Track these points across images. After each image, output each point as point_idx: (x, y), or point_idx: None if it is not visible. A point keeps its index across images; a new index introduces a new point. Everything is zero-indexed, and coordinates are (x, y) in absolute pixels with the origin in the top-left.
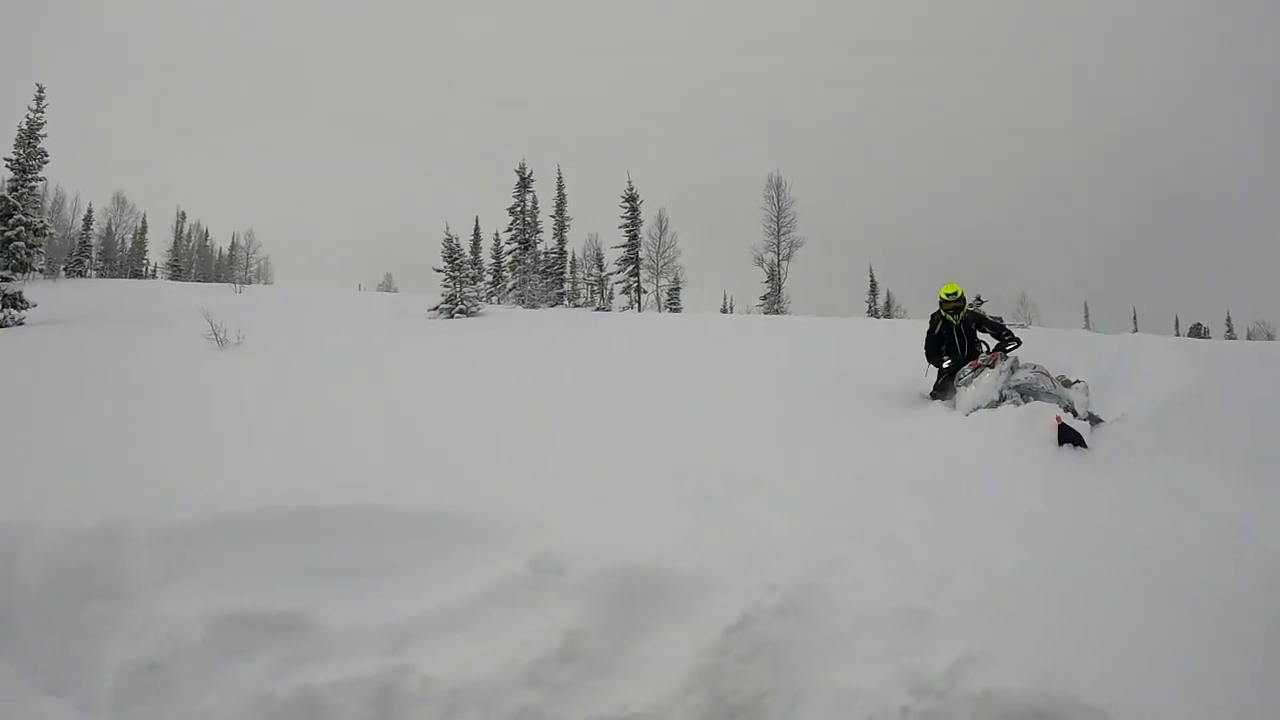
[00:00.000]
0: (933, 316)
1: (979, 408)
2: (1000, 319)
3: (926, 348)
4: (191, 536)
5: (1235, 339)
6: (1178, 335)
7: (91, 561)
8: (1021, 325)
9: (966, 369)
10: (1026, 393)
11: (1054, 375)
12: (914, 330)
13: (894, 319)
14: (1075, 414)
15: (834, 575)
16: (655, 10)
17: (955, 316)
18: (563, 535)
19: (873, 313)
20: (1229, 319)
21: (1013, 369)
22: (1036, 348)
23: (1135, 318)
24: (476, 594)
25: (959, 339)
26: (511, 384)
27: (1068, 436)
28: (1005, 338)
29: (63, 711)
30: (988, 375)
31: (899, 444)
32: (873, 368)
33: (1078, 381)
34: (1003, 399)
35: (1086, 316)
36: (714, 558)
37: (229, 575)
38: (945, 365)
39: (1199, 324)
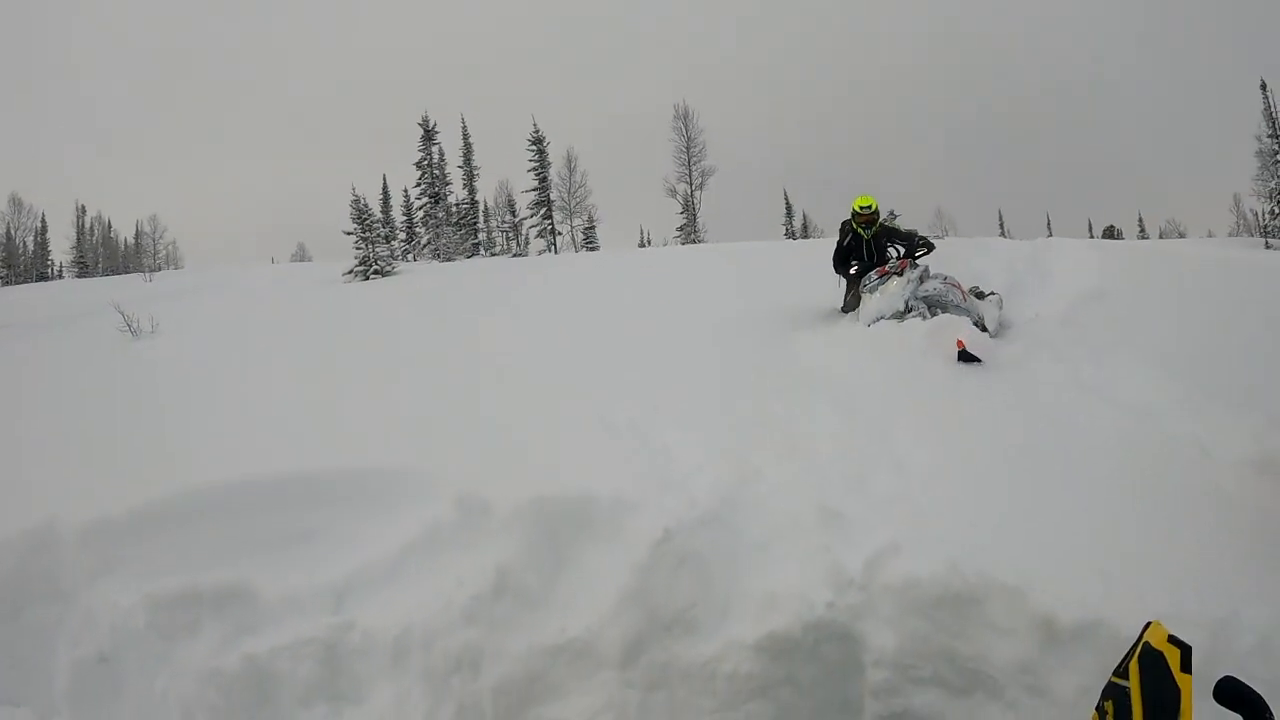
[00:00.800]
0: (842, 226)
1: (883, 317)
2: (915, 231)
3: (834, 258)
4: (119, 528)
5: (1148, 239)
6: (1091, 238)
7: (22, 567)
8: (939, 236)
9: (873, 275)
10: (934, 305)
11: (965, 287)
12: (828, 248)
13: (811, 239)
14: (985, 328)
15: (751, 486)
16: None
17: (867, 231)
18: (485, 478)
19: (790, 235)
20: (1140, 220)
21: (922, 279)
22: (955, 256)
23: (1049, 223)
24: (407, 543)
25: (868, 252)
26: (427, 343)
27: (967, 359)
28: (918, 242)
29: (21, 719)
30: (894, 283)
31: (810, 364)
32: (785, 289)
33: (991, 294)
34: (909, 310)
35: (1001, 225)
36: (634, 481)
37: (162, 560)
38: (853, 272)
39: (1112, 226)
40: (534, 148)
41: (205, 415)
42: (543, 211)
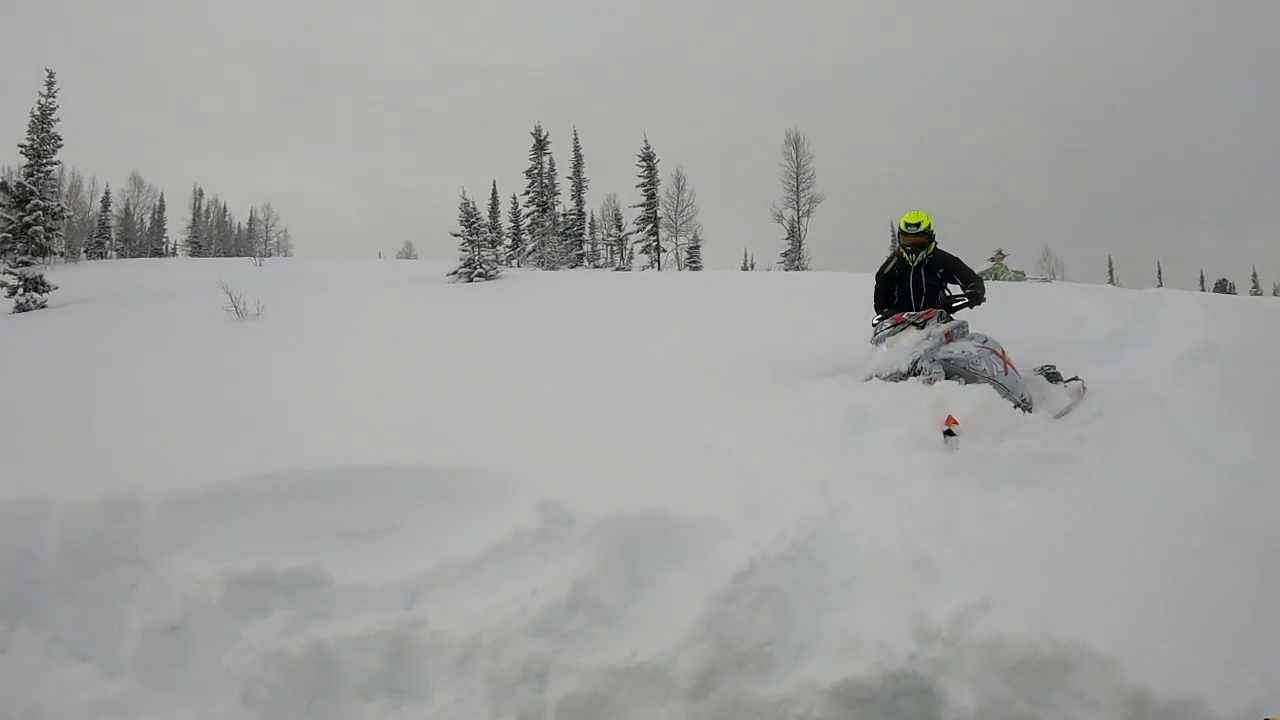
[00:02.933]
0: (893, 254)
1: (878, 376)
2: (975, 273)
3: (875, 292)
4: (201, 503)
5: (1261, 295)
6: (1202, 291)
7: (105, 532)
8: (1045, 279)
9: (887, 322)
10: (957, 373)
11: (1009, 356)
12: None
13: None
14: (1026, 408)
15: (839, 521)
16: None
17: (913, 255)
18: (570, 488)
19: None
20: (1255, 275)
21: (950, 336)
22: (1057, 301)
23: (1160, 273)
24: (486, 547)
25: (915, 285)
26: (523, 349)
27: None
28: (970, 289)
29: (89, 675)
30: (907, 336)
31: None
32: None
33: (1073, 380)
34: (915, 371)
35: (1111, 272)
36: (720, 506)
37: (240, 539)
38: (877, 320)
39: (1224, 280)
40: (644, 164)
41: (295, 400)
42: (648, 228)
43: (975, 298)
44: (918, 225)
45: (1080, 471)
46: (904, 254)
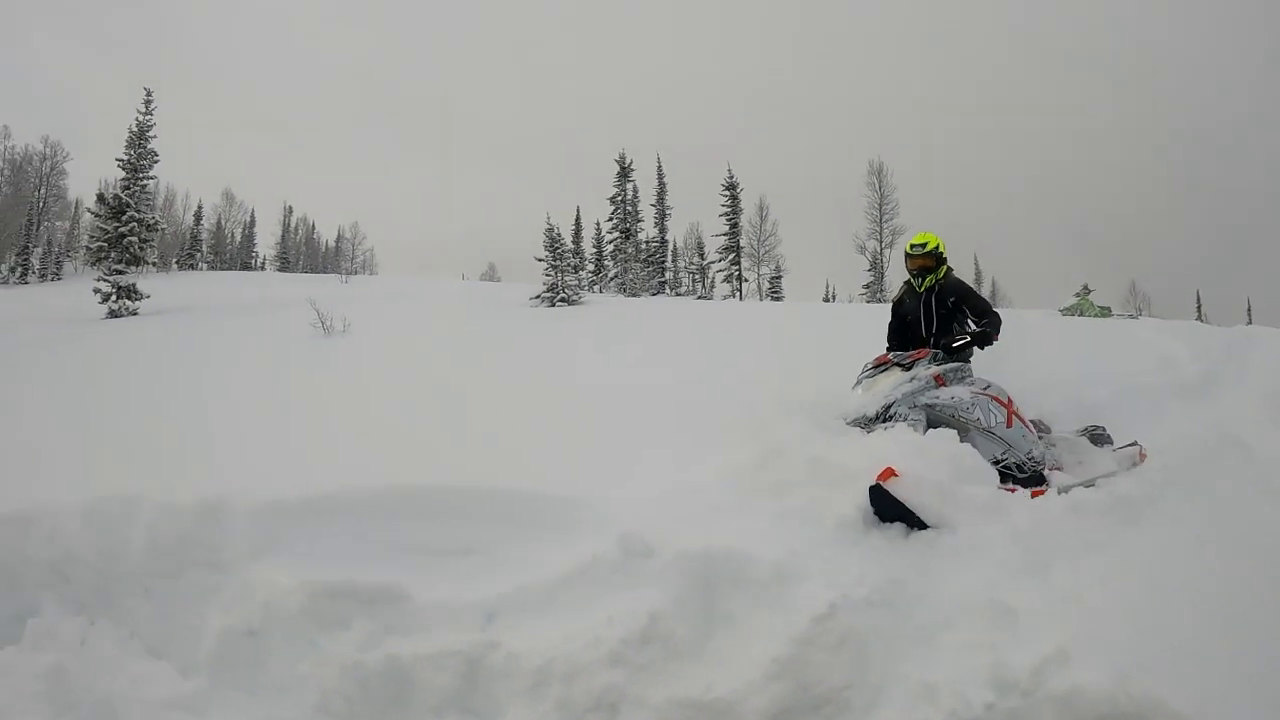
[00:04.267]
0: (904, 283)
1: (851, 419)
2: (990, 306)
3: (889, 325)
4: (286, 513)
5: None
6: None
7: (191, 534)
8: (1131, 315)
9: (870, 362)
10: (942, 421)
11: (1012, 404)
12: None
13: (998, 308)
14: (1035, 468)
15: (924, 563)
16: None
17: (920, 280)
18: (650, 520)
19: None
20: None
21: (941, 379)
22: (1141, 337)
23: (1249, 310)
24: (564, 574)
25: (925, 314)
26: (604, 377)
27: (883, 506)
28: (982, 325)
29: (163, 672)
30: (888, 379)
31: None
32: None
33: (1131, 445)
34: (887, 417)
35: (1199, 307)
36: (804, 545)
37: (322, 551)
38: (868, 365)
39: None
40: (727, 193)
41: (378, 418)
42: (731, 257)
43: (983, 336)
44: (924, 246)
45: (1164, 516)
46: (912, 279)
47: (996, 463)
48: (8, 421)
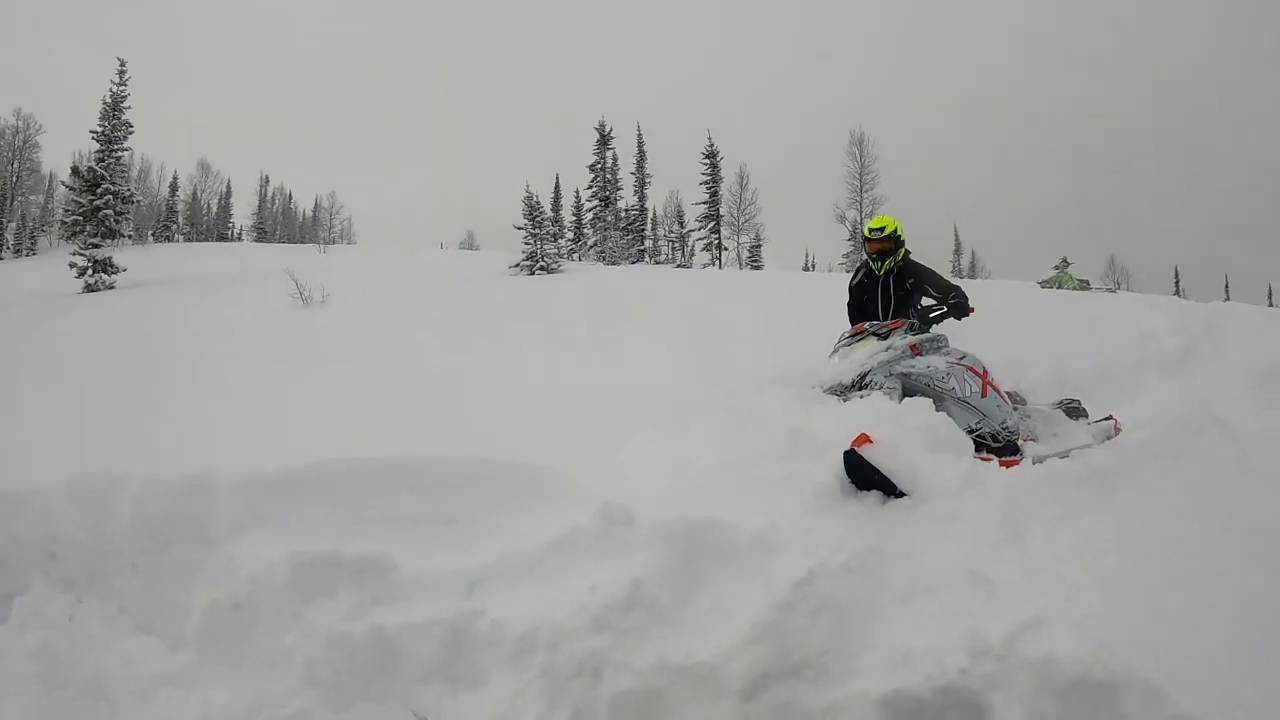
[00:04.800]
0: (860, 263)
1: (827, 387)
2: (955, 285)
3: (848, 305)
4: (273, 486)
5: None
6: (1270, 306)
7: (177, 510)
8: (1110, 289)
9: (846, 332)
10: (918, 389)
11: (990, 376)
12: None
13: (976, 279)
14: (1009, 438)
15: (901, 532)
16: None
17: (879, 263)
18: (630, 490)
19: (955, 272)
20: None
21: (917, 348)
22: (1123, 312)
23: (1227, 286)
24: (545, 542)
25: (883, 296)
26: (576, 347)
27: (859, 473)
28: (951, 300)
29: (151, 647)
30: (864, 347)
31: None
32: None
33: (1105, 419)
34: (862, 384)
35: (1177, 283)
36: (784, 516)
37: (305, 523)
38: (844, 335)
39: None
40: (707, 161)
41: (361, 389)
42: (711, 225)
43: (959, 308)
44: (881, 230)
45: (1140, 489)
46: (870, 263)
47: (971, 432)
48: None
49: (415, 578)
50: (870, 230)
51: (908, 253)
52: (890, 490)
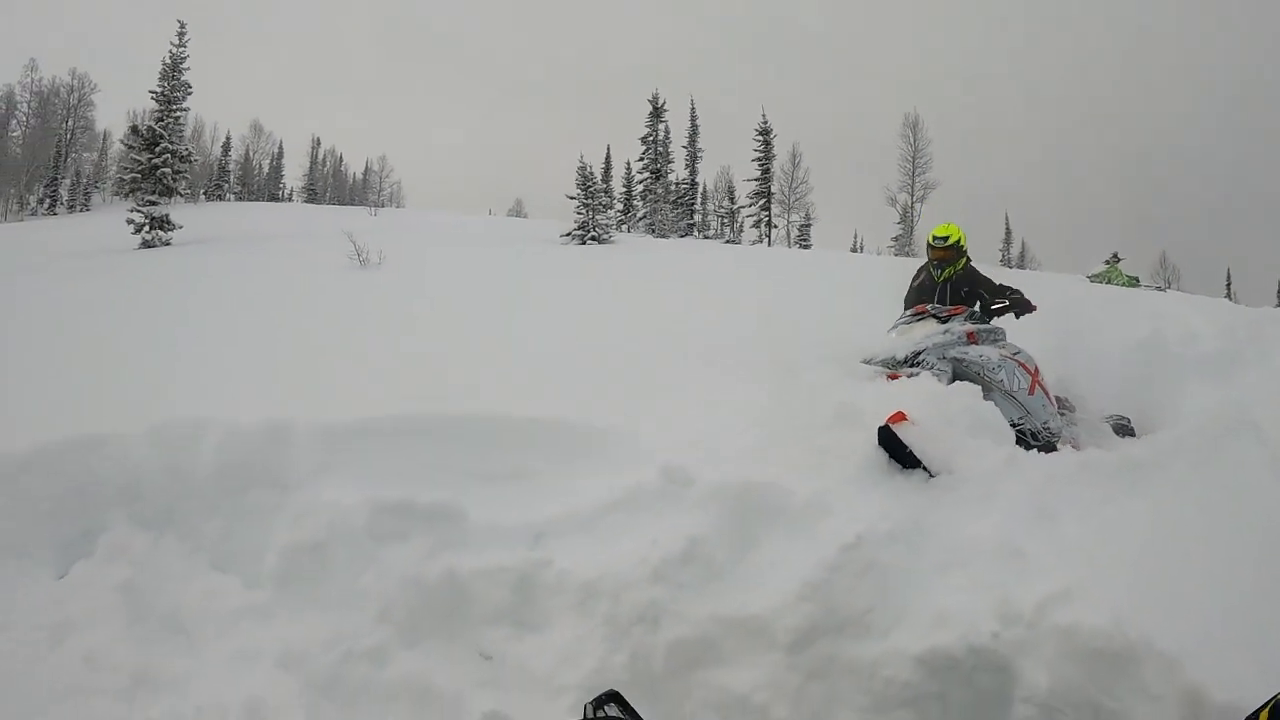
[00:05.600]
0: (922, 266)
1: (872, 362)
2: (1015, 289)
3: (905, 302)
4: (348, 436)
5: None
6: None
7: (256, 455)
8: (1159, 288)
9: (909, 312)
10: (967, 376)
11: (1038, 374)
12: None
13: (1025, 269)
14: (1049, 439)
15: (941, 509)
16: None
17: (939, 271)
18: (687, 453)
19: (1005, 262)
20: None
21: (974, 336)
22: (1169, 312)
23: None
24: (611, 499)
25: (942, 302)
26: (640, 316)
27: (894, 450)
28: (1011, 297)
29: (229, 584)
30: (923, 327)
31: None
32: None
33: (1125, 426)
34: (915, 362)
35: (1229, 285)
36: (828, 484)
37: (380, 472)
38: (906, 313)
39: None
40: (760, 138)
41: (424, 348)
42: (761, 202)
43: (1020, 304)
44: (946, 239)
45: (1172, 482)
46: (931, 269)
47: (1013, 426)
48: (74, 349)
49: (484, 527)
50: (935, 239)
51: (969, 260)
52: (919, 468)
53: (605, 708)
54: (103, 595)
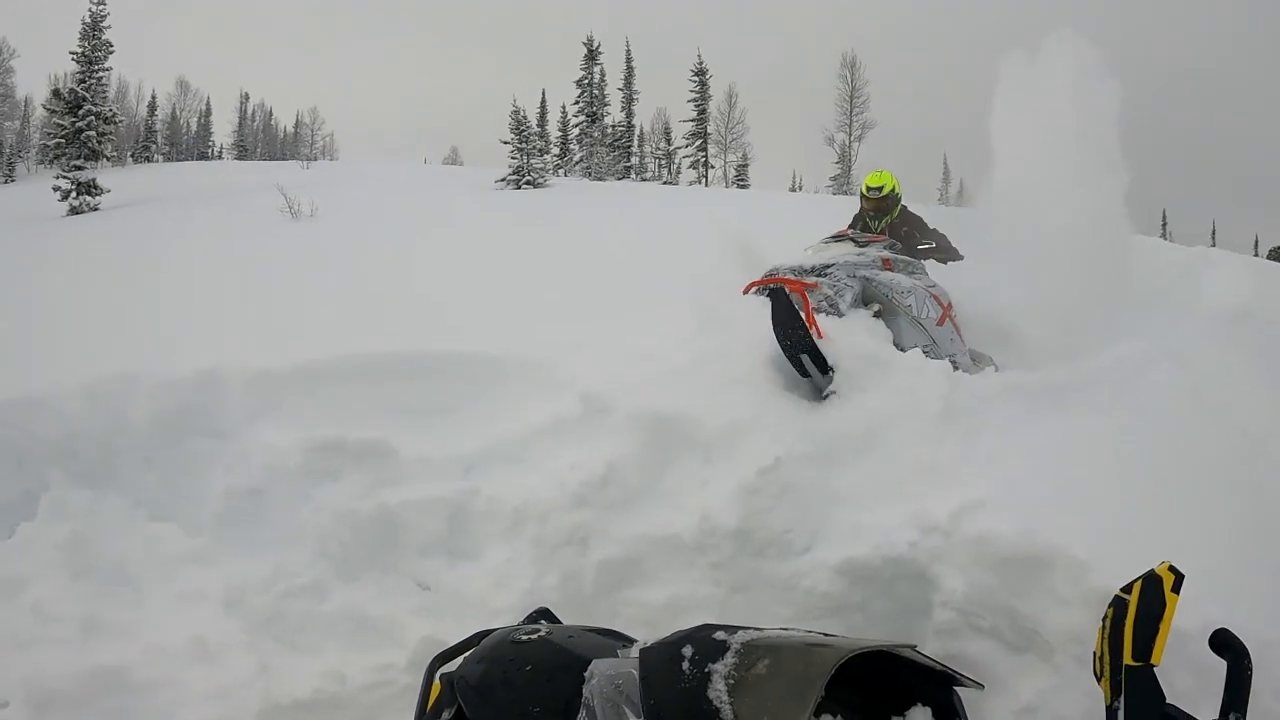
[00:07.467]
0: (856, 215)
1: (785, 270)
2: (947, 239)
3: None
4: (280, 380)
5: None
6: (1256, 256)
7: (189, 405)
8: None
9: (829, 235)
10: (874, 297)
11: (952, 312)
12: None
13: (963, 208)
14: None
15: (857, 428)
16: None
17: (876, 222)
18: (607, 382)
19: (943, 200)
20: None
21: (889, 263)
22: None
23: (1214, 233)
24: (534, 428)
25: None
26: (563, 251)
27: (784, 320)
28: (940, 243)
29: (170, 532)
30: (839, 247)
31: None
32: None
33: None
34: (822, 273)
35: (1164, 226)
36: (746, 409)
37: (312, 413)
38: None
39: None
40: (696, 79)
41: (360, 291)
42: (698, 144)
43: (947, 250)
44: (880, 189)
45: (1093, 406)
46: (867, 220)
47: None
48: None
49: (415, 461)
50: (868, 189)
51: (904, 207)
52: (816, 359)
53: (539, 623)
54: (47, 553)
